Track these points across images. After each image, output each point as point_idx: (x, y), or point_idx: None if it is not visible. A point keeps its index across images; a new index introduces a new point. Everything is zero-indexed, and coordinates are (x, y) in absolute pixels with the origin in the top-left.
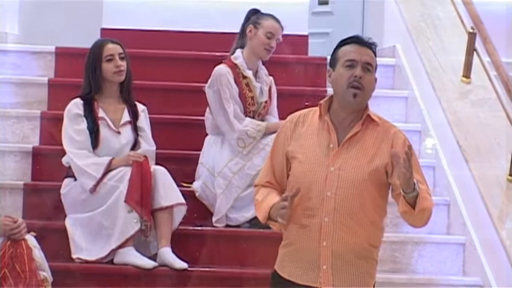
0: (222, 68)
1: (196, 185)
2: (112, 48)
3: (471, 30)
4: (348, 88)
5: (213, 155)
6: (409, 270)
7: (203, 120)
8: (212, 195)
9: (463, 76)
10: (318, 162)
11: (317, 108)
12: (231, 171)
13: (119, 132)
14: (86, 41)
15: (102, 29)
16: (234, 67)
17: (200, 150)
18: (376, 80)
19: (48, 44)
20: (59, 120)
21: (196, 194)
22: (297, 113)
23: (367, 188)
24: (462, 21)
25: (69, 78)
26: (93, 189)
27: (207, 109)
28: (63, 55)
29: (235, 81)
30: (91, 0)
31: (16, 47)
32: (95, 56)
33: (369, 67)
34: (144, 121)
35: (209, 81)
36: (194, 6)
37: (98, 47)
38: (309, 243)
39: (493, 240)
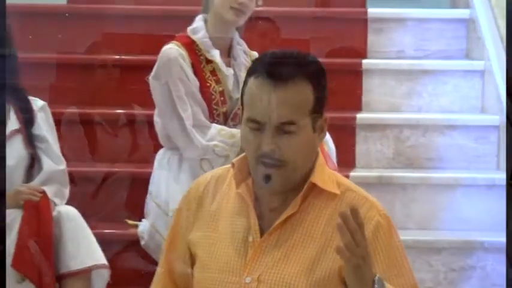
0: (171, 50)
1: (142, 228)
2: None
3: None
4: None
5: (166, 182)
6: None
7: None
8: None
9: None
10: (227, 267)
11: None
12: None
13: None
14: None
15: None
16: (190, 46)
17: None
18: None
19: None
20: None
21: (142, 243)
22: (208, 175)
23: None
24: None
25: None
26: None
27: (156, 110)
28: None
29: (194, 69)
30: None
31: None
32: None
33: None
34: (44, 125)
35: (154, 68)
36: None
37: None
38: None
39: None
